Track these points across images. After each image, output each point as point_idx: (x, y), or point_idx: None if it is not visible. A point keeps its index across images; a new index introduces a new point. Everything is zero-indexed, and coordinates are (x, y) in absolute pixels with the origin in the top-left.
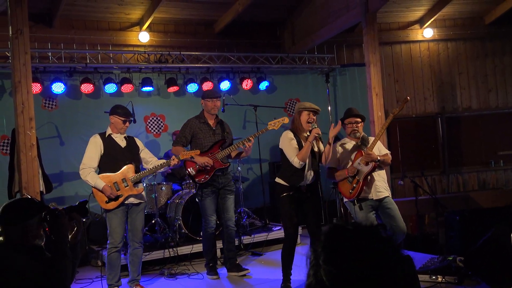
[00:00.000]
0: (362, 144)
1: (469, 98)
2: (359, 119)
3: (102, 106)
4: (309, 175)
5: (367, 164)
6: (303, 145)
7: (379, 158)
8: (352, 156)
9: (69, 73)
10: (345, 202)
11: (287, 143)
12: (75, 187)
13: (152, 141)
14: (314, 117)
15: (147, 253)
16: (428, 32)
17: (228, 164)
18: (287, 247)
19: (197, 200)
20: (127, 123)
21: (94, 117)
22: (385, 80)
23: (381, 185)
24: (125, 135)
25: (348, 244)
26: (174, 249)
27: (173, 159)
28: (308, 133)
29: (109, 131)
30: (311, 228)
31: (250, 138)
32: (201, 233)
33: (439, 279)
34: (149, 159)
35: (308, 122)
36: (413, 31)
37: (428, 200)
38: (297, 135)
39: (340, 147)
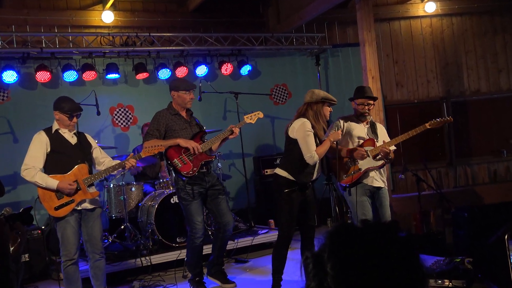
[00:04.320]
0: (371, 129)
1: (478, 80)
2: (371, 101)
3: None
4: (317, 171)
5: (378, 159)
6: (319, 139)
7: (391, 157)
8: (358, 139)
9: (22, 59)
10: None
11: (305, 135)
12: (31, 190)
13: (120, 135)
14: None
15: (116, 263)
16: (430, 6)
17: (214, 156)
18: (281, 248)
19: (181, 204)
20: (75, 118)
21: (52, 109)
22: (382, 61)
23: (378, 175)
24: (74, 131)
25: (361, 247)
26: (147, 257)
27: (129, 162)
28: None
29: (55, 126)
30: (305, 229)
31: (237, 126)
32: (187, 243)
33: (446, 283)
34: (102, 159)
35: (329, 114)
36: (413, 6)
37: (433, 196)
38: (314, 127)
39: (345, 124)
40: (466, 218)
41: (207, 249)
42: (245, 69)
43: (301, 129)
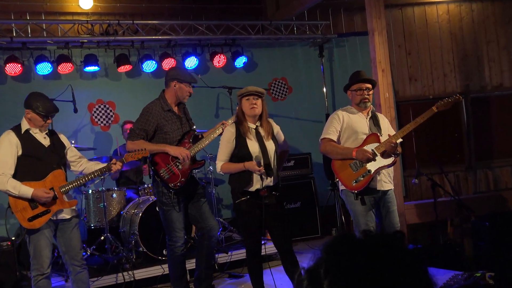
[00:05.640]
0: (373, 121)
1: (500, 73)
2: (369, 85)
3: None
4: (258, 179)
5: (386, 155)
6: (246, 141)
7: (399, 151)
8: (361, 134)
9: None
10: (342, 190)
11: (222, 141)
12: (2, 196)
13: (100, 135)
14: (256, 101)
15: (95, 279)
16: None
17: (203, 162)
18: (250, 261)
19: (161, 209)
20: (49, 119)
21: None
22: (394, 52)
23: (387, 174)
24: (46, 131)
25: (362, 260)
26: (130, 272)
27: (115, 163)
28: (257, 124)
29: (25, 126)
30: (278, 244)
31: (228, 121)
32: (167, 255)
33: None
34: (79, 159)
35: (252, 108)
36: None
37: (450, 203)
38: (241, 132)
39: (345, 115)
40: (487, 228)
41: (192, 264)
42: (240, 61)
43: (222, 135)
